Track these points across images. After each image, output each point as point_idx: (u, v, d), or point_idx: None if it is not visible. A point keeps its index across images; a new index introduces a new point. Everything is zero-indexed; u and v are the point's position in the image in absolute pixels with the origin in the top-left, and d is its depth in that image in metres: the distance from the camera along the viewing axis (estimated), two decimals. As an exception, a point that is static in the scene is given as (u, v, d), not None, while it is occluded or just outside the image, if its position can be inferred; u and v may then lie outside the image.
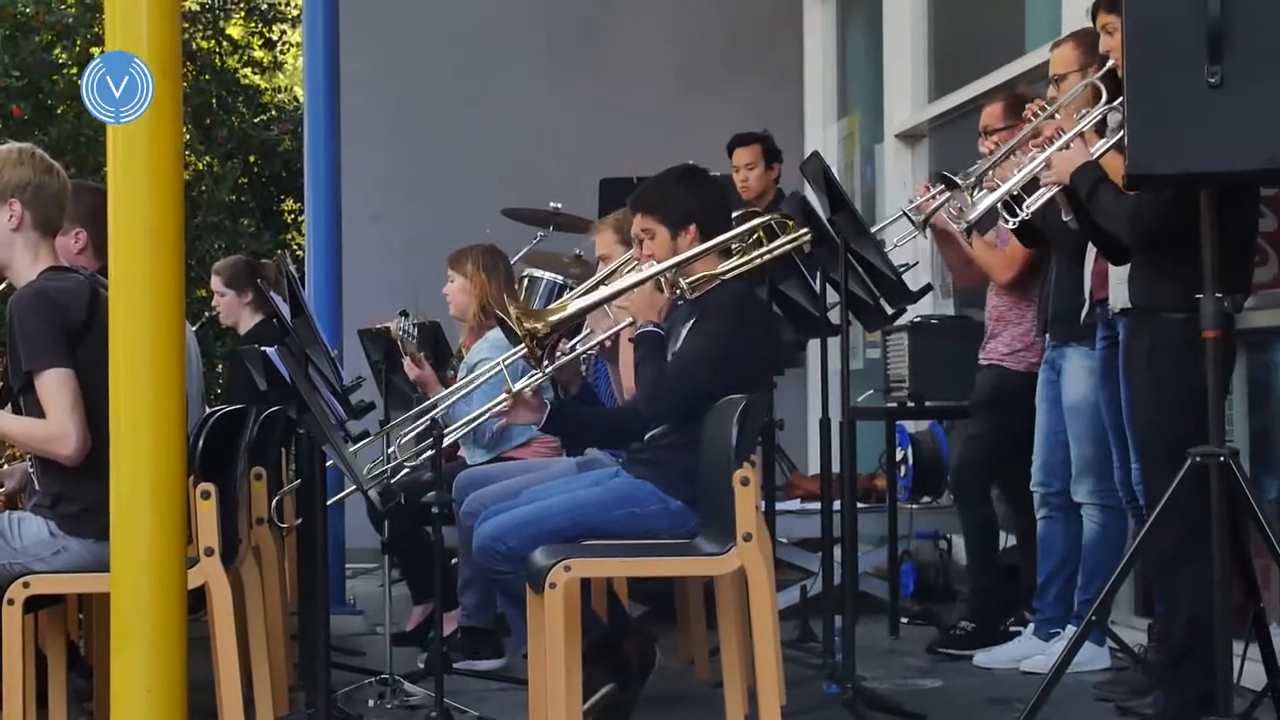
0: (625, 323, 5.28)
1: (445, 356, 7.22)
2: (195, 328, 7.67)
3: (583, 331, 5.68)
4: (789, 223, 5.44)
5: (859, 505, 6.69)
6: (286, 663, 5.71)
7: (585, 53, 10.36)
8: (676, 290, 5.17)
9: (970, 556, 6.55)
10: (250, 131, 14.60)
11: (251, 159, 14.69)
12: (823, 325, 5.85)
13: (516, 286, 6.97)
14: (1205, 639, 4.25)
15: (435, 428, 5.21)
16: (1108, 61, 5.05)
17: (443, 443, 5.18)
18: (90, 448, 4.36)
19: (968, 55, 8.77)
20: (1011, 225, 5.30)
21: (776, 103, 10.06)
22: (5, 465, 5.30)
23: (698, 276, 5.18)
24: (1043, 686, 4.22)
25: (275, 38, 15.44)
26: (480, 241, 6.96)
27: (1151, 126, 4.10)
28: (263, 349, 5.07)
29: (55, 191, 4.61)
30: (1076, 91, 5.25)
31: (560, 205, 8.31)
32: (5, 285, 4.74)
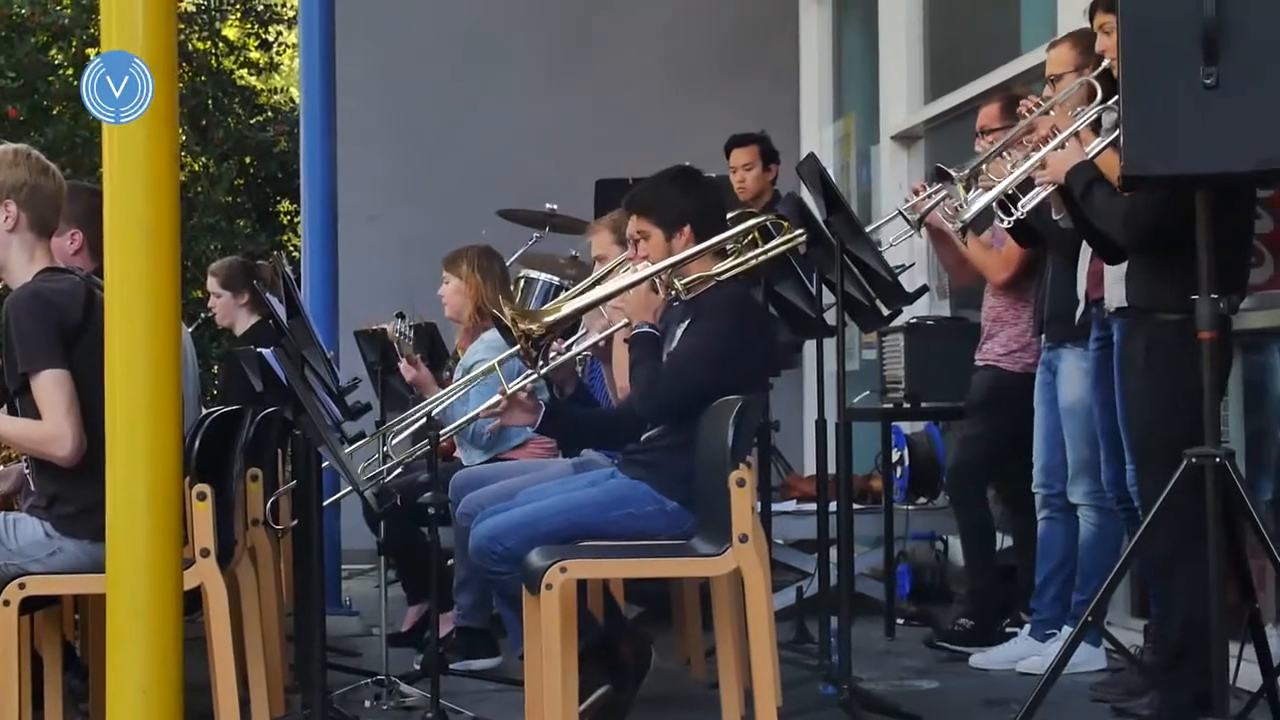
0: (620, 324, 5.28)
1: (441, 358, 7.22)
2: (191, 329, 7.66)
3: (578, 332, 5.68)
4: (784, 224, 5.44)
5: (855, 506, 6.69)
6: (282, 664, 5.70)
7: (581, 54, 10.36)
8: (672, 291, 5.16)
9: (967, 557, 6.55)
10: (246, 133, 14.60)
11: (247, 160, 14.68)
12: (819, 326, 5.85)
13: (512, 288, 6.97)
14: (1201, 640, 4.25)
15: (431, 428, 5.21)
16: (1104, 61, 5.06)
17: (439, 443, 5.18)
18: (86, 449, 4.36)
19: (964, 56, 8.77)
20: (1007, 224, 5.31)
21: (772, 104, 10.06)
22: (1, 467, 5.29)
23: (693, 277, 5.18)
24: (1039, 687, 4.22)
25: (271, 39, 15.44)
26: (476, 243, 6.96)
27: (1147, 127, 4.10)
28: (259, 350, 5.08)
29: (51, 192, 4.61)
30: (1072, 90, 5.25)
31: (556, 206, 8.30)
32: (1, 286, 4.73)
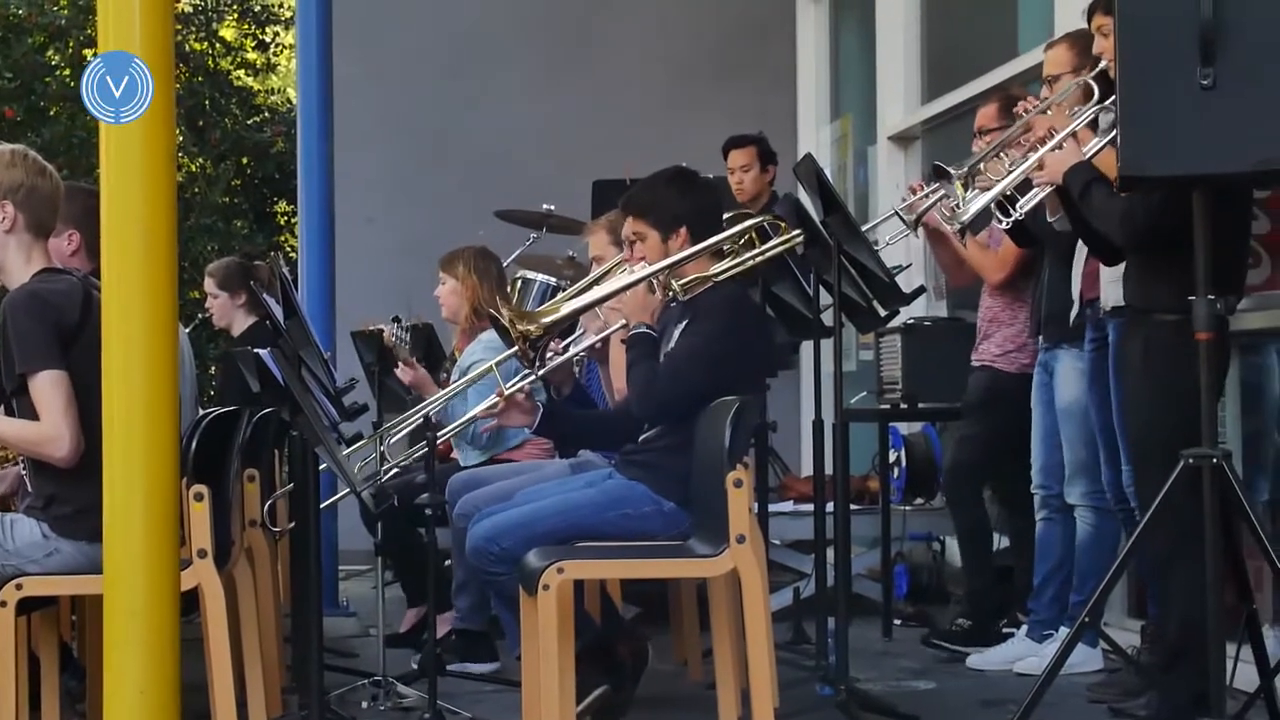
0: (617, 325, 5.27)
1: (438, 359, 7.22)
2: (188, 329, 7.66)
3: (575, 333, 5.68)
4: (781, 224, 5.44)
5: (852, 507, 6.70)
6: (279, 664, 5.70)
7: (578, 55, 10.36)
8: (669, 292, 5.16)
9: (964, 558, 6.56)
10: (243, 133, 14.58)
11: (244, 161, 14.66)
12: (816, 327, 5.85)
13: (509, 288, 6.97)
14: (1198, 640, 4.25)
15: (428, 429, 5.21)
16: (1101, 63, 5.06)
17: (436, 444, 5.18)
18: (84, 449, 4.36)
19: (960, 57, 8.77)
20: (1005, 225, 5.31)
21: (769, 105, 10.06)
22: (-2, 467, 5.29)
23: (690, 278, 5.17)
24: (1036, 688, 4.22)
25: (268, 40, 15.41)
26: (473, 244, 6.96)
27: (1144, 128, 4.10)
28: (256, 351, 5.07)
29: (48, 193, 4.60)
30: (1069, 90, 5.26)
31: (553, 207, 8.29)
32: (-1, 287, 4.74)
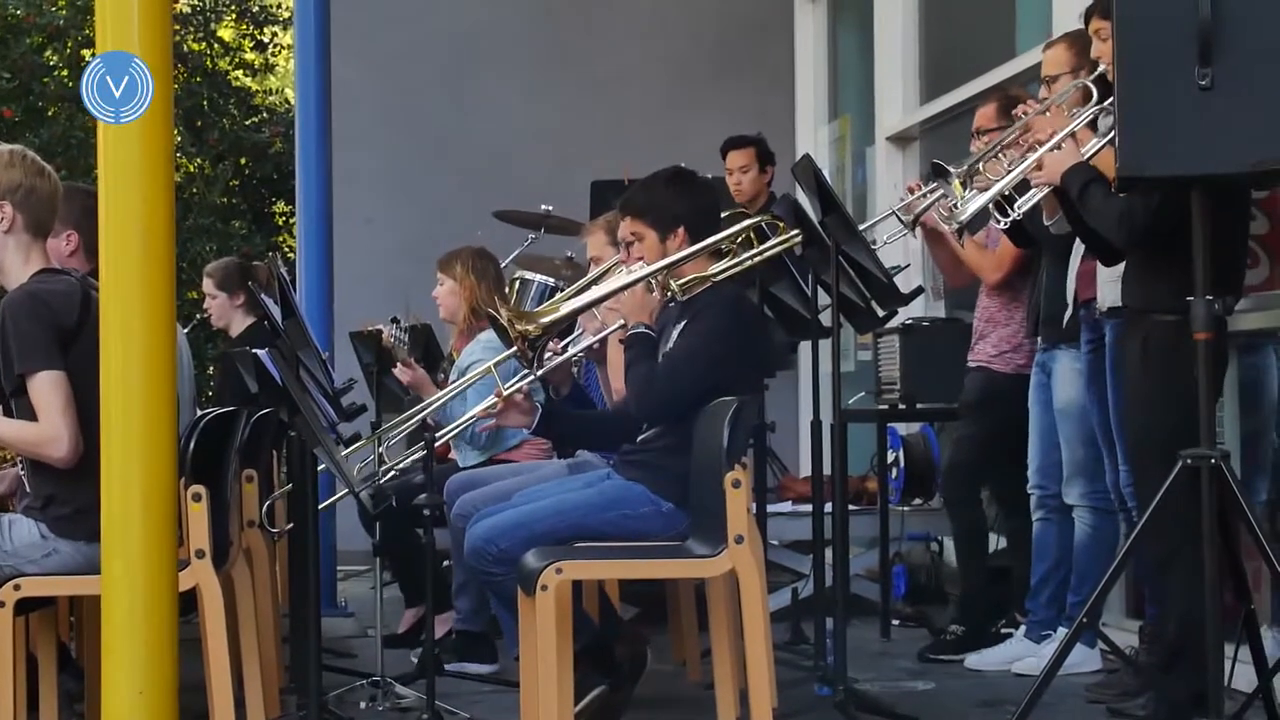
0: (615, 325, 5.27)
1: (436, 359, 7.22)
2: (187, 330, 7.67)
3: (574, 333, 5.68)
4: (779, 224, 5.44)
5: (850, 507, 6.71)
6: (278, 665, 5.70)
7: (577, 55, 10.36)
8: (668, 292, 5.16)
9: (959, 560, 6.55)
10: (241, 134, 14.58)
11: (243, 161, 14.66)
12: (814, 327, 5.85)
13: (508, 289, 6.97)
14: (1196, 641, 4.25)
15: (427, 430, 5.21)
16: (1099, 66, 5.06)
17: (434, 445, 5.18)
18: (82, 450, 4.36)
19: (959, 58, 8.77)
20: (1003, 225, 5.31)
21: (768, 106, 10.07)
22: (-3, 468, 5.28)
23: (689, 278, 5.17)
24: (1034, 689, 4.22)
25: (267, 40, 15.41)
26: (471, 244, 6.96)
27: (1142, 128, 4.10)
28: (254, 351, 5.07)
29: (46, 194, 4.60)
30: (1067, 91, 5.26)
31: (551, 208, 8.30)
32: (-3, 288, 4.74)
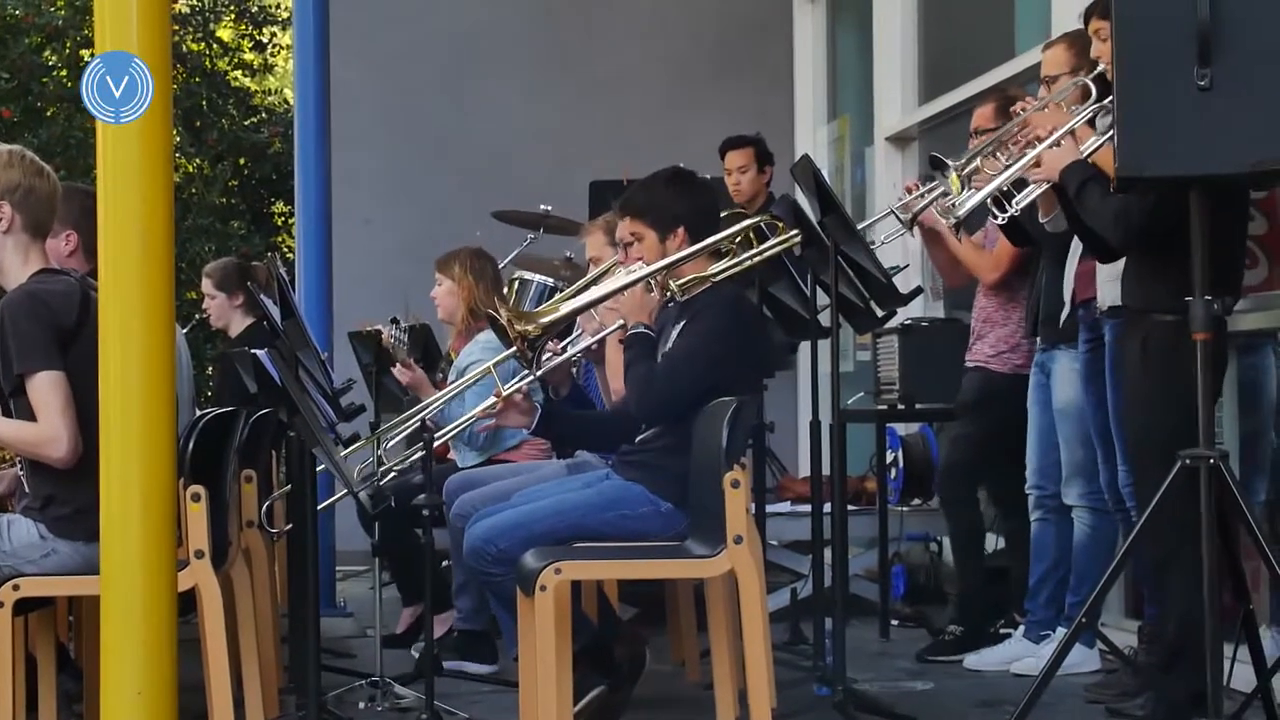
0: (614, 325, 5.27)
1: (435, 360, 7.22)
2: (186, 330, 7.66)
3: (573, 333, 5.68)
4: (779, 224, 5.44)
5: (849, 508, 6.70)
6: (277, 665, 5.70)
7: (575, 55, 10.35)
8: (667, 292, 5.16)
9: (956, 561, 6.55)
10: (240, 134, 14.58)
11: (242, 161, 14.66)
12: (813, 328, 5.85)
13: (507, 289, 6.97)
14: (1195, 641, 4.25)
15: (426, 430, 5.21)
16: (1098, 66, 5.07)
17: (433, 445, 5.18)
18: (82, 450, 4.36)
19: (958, 58, 8.77)
20: (1000, 220, 5.30)
21: (767, 106, 10.06)
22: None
23: (688, 278, 5.17)
24: (1033, 689, 4.22)
25: (265, 40, 15.41)
26: (470, 244, 6.96)
27: (1141, 129, 4.10)
28: (253, 351, 5.07)
29: (45, 194, 4.60)
30: (1066, 90, 5.26)
31: (551, 208, 8.30)
32: (-4, 288, 4.73)
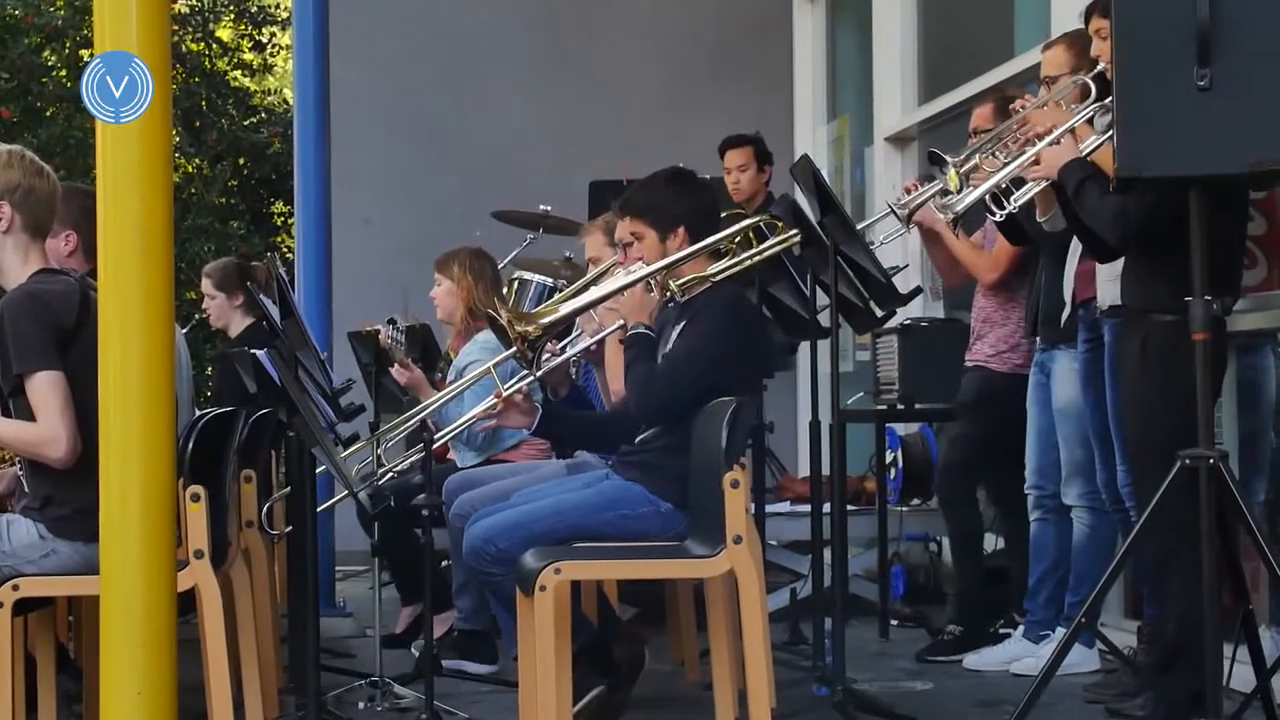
0: (614, 326, 5.27)
1: (434, 360, 7.22)
2: (185, 330, 7.66)
3: (573, 334, 5.68)
4: (778, 224, 5.44)
5: (849, 508, 6.70)
6: (276, 665, 5.70)
7: (575, 55, 10.35)
8: (667, 292, 5.16)
9: (955, 561, 6.55)
10: (240, 134, 14.56)
11: (241, 161, 14.65)
12: (813, 328, 5.85)
13: (506, 289, 6.97)
14: (1195, 641, 4.25)
15: (425, 430, 5.21)
16: (1098, 65, 5.07)
17: (433, 445, 5.18)
18: (81, 450, 4.36)
19: (957, 58, 8.77)
20: (999, 217, 5.30)
21: (766, 106, 10.06)
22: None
23: (688, 278, 5.17)
24: (1032, 689, 4.22)
25: (265, 40, 15.40)
26: (469, 244, 6.96)
27: (1141, 129, 4.10)
28: (253, 351, 5.07)
29: (45, 194, 4.60)
30: (1066, 89, 5.26)
31: (550, 208, 8.30)
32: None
